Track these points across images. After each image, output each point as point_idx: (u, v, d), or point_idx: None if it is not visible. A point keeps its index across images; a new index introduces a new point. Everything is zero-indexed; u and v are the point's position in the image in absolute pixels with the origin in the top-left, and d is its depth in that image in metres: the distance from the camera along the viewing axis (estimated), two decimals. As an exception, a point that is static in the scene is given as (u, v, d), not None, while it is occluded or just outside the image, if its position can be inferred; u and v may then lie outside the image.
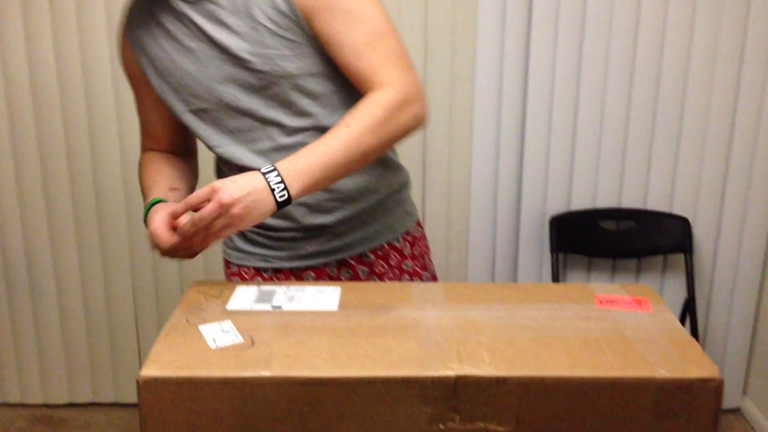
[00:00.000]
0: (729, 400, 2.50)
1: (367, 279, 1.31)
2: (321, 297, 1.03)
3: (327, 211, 1.25)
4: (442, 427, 0.85)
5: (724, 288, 2.34)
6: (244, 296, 1.03)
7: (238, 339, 0.90)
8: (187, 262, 2.38)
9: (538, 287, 1.09)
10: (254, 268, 1.31)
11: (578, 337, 0.92)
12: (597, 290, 1.08)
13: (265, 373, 0.83)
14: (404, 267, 1.34)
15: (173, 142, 1.33)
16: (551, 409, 0.85)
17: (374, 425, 0.85)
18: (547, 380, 0.84)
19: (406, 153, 2.25)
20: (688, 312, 2.23)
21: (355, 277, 1.31)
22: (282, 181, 1.02)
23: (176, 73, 1.19)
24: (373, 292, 1.05)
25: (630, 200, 2.27)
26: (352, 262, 1.30)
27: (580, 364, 0.86)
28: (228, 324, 0.94)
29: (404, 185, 1.36)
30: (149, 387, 0.83)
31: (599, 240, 2.26)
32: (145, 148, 1.33)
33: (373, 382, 0.83)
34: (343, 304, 1.01)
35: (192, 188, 1.30)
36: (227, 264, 1.35)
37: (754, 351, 2.46)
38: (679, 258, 2.32)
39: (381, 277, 1.32)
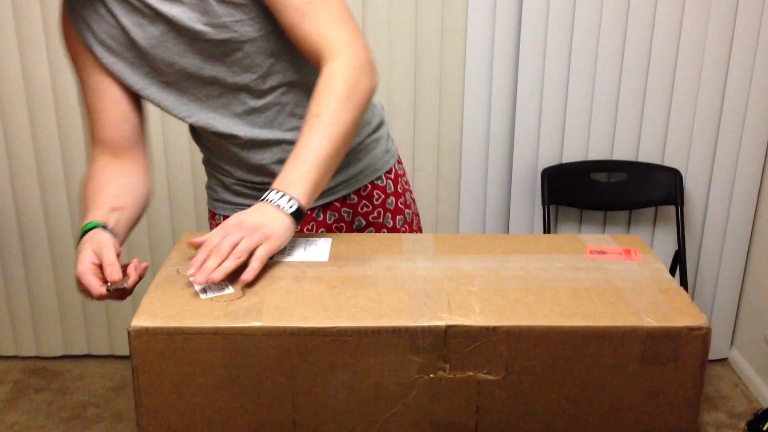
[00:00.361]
0: (717, 351, 2.54)
1: (352, 220, 1.32)
2: (312, 248, 1.03)
3: (270, 171, 1.24)
4: (432, 376, 0.86)
5: (714, 240, 2.36)
6: (235, 248, 1.02)
7: (229, 289, 0.90)
8: (179, 215, 2.38)
9: (529, 238, 1.09)
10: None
11: (568, 287, 0.93)
12: (587, 241, 1.08)
13: (256, 323, 0.83)
14: (387, 205, 1.35)
15: (123, 129, 1.20)
16: (541, 359, 0.86)
17: (364, 375, 0.85)
18: (536, 330, 0.85)
19: (397, 106, 2.23)
20: (679, 263, 2.25)
21: (340, 220, 1.31)
22: (283, 195, 0.99)
23: (132, 49, 1.14)
24: (364, 243, 1.05)
25: (622, 152, 2.26)
26: (337, 204, 1.30)
27: (569, 313, 0.87)
28: (218, 275, 0.94)
29: (381, 123, 1.34)
30: (140, 337, 0.83)
31: (591, 192, 2.26)
32: (93, 154, 1.21)
33: (363, 332, 0.84)
34: (334, 255, 1.01)
35: (142, 201, 1.20)
36: (212, 215, 1.34)
37: (743, 303, 2.49)
38: (670, 210, 2.32)
39: (366, 217, 1.32)
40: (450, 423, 0.88)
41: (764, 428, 2.06)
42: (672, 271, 2.29)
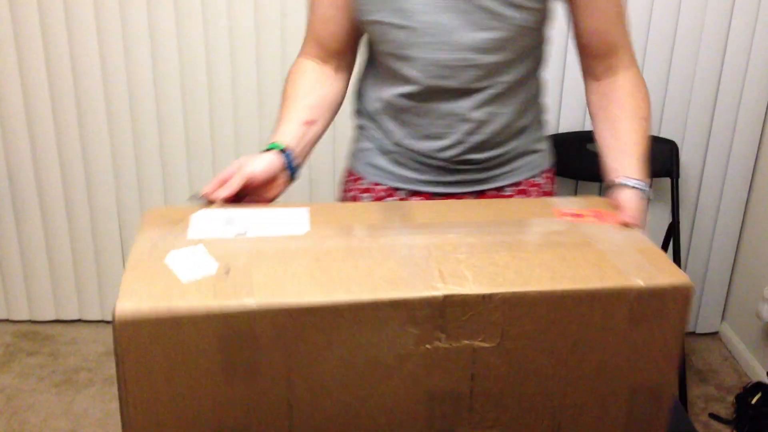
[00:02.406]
0: (708, 325, 2.58)
1: None
2: (289, 219, 0.99)
3: (481, 150, 1.27)
4: (428, 347, 0.85)
5: (708, 214, 2.38)
6: (206, 222, 0.97)
7: (212, 269, 0.86)
8: (171, 185, 2.36)
9: (498, 203, 1.09)
10: (390, 187, 1.32)
11: (553, 252, 0.93)
12: (554, 204, 1.09)
13: (250, 303, 0.80)
14: None
15: (336, 29, 1.24)
16: (534, 323, 0.86)
17: (362, 350, 0.83)
18: (530, 295, 0.85)
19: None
20: (672, 236, 2.26)
21: None
22: (639, 181, 1.11)
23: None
24: (341, 214, 1.02)
25: None
26: (493, 194, 1.32)
27: (559, 277, 0.87)
28: (197, 252, 0.89)
29: (546, 123, 1.40)
30: (126, 325, 0.78)
31: (586, 163, 2.22)
32: (303, 51, 1.27)
33: (360, 307, 0.82)
34: (313, 226, 0.98)
35: (332, 116, 1.26)
36: (356, 179, 1.35)
37: (734, 277, 2.52)
38: (665, 182, 2.31)
39: None
40: (445, 392, 0.87)
41: (753, 401, 2.13)
42: (665, 244, 2.30)
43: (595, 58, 1.24)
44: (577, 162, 2.24)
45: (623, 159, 1.15)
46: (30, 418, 2.11)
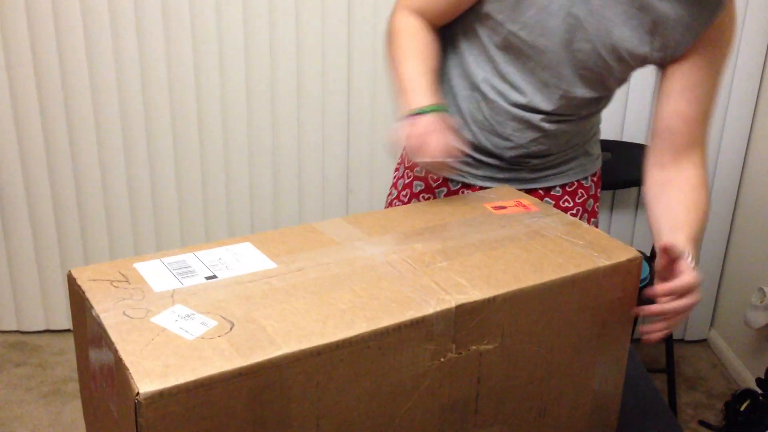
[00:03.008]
0: (696, 332, 2.60)
1: None
2: (244, 256, 0.91)
3: (540, 155, 1.32)
4: (442, 360, 0.84)
5: None
6: (158, 274, 0.86)
7: (211, 322, 0.77)
8: (159, 190, 2.37)
9: (431, 205, 1.10)
10: (444, 178, 1.37)
11: (518, 247, 0.97)
12: (481, 199, 1.13)
13: (281, 351, 0.73)
14: (587, 206, 1.38)
15: (443, 22, 1.26)
16: (527, 317, 0.89)
17: (386, 377, 0.80)
18: (526, 291, 0.88)
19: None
20: None
21: None
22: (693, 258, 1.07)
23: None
24: (285, 241, 0.96)
25: (606, 131, 2.26)
26: (541, 192, 1.37)
27: (538, 269, 0.91)
28: (182, 308, 0.79)
29: (599, 131, 1.41)
30: (154, 405, 0.67)
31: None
32: (406, 9, 1.24)
33: (385, 333, 0.79)
34: (275, 258, 0.91)
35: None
36: (412, 166, 1.39)
37: (723, 285, 2.54)
38: None
39: (565, 212, 1.30)
40: (456, 400, 0.88)
41: (742, 408, 2.12)
42: (653, 254, 2.30)
43: (670, 144, 1.19)
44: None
45: (677, 235, 1.09)
46: (17, 429, 2.09)
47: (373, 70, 2.29)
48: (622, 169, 2.26)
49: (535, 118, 1.26)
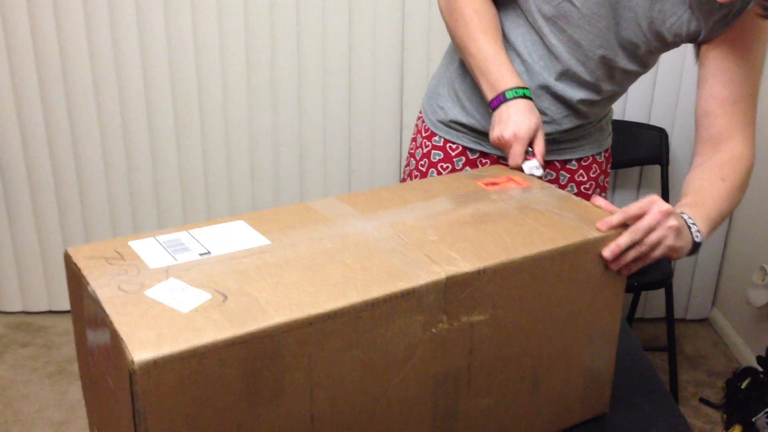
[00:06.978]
0: (698, 311, 2.61)
1: (565, 185, 1.42)
2: (237, 233, 0.93)
3: (556, 122, 1.33)
4: (434, 331, 0.86)
5: None
6: (152, 251, 0.88)
7: (205, 295, 0.78)
8: (160, 174, 2.40)
9: (425, 184, 1.11)
10: (463, 146, 1.39)
11: (509, 221, 0.98)
12: (472, 176, 1.14)
13: (273, 321, 0.75)
14: (599, 181, 1.42)
15: None
16: (518, 289, 0.91)
17: (377, 348, 0.82)
18: (515, 262, 0.89)
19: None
20: None
21: (554, 181, 1.41)
22: (695, 224, 1.04)
23: None
24: (278, 219, 0.97)
25: None
26: (558, 165, 1.40)
27: (529, 242, 0.93)
28: (176, 282, 0.80)
29: (612, 109, 1.46)
30: (148, 373, 0.69)
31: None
32: None
33: (376, 304, 0.80)
34: (268, 235, 0.93)
35: None
36: (430, 135, 1.41)
37: (724, 264, 2.54)
38: (655, 170, 2.30)
39: (579, 186, 1.39)
40: (448, 371, 0.89)
41: (742, 386, 2.13)
42: None
43: (708, 128, 1.19)
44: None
45: (696, 210, 1.08)
46: (23, 409, 2.12)
47: (373, 48, 2.29)
48: (623, 149, 2.24)
49: (574, 94, 1.29)
